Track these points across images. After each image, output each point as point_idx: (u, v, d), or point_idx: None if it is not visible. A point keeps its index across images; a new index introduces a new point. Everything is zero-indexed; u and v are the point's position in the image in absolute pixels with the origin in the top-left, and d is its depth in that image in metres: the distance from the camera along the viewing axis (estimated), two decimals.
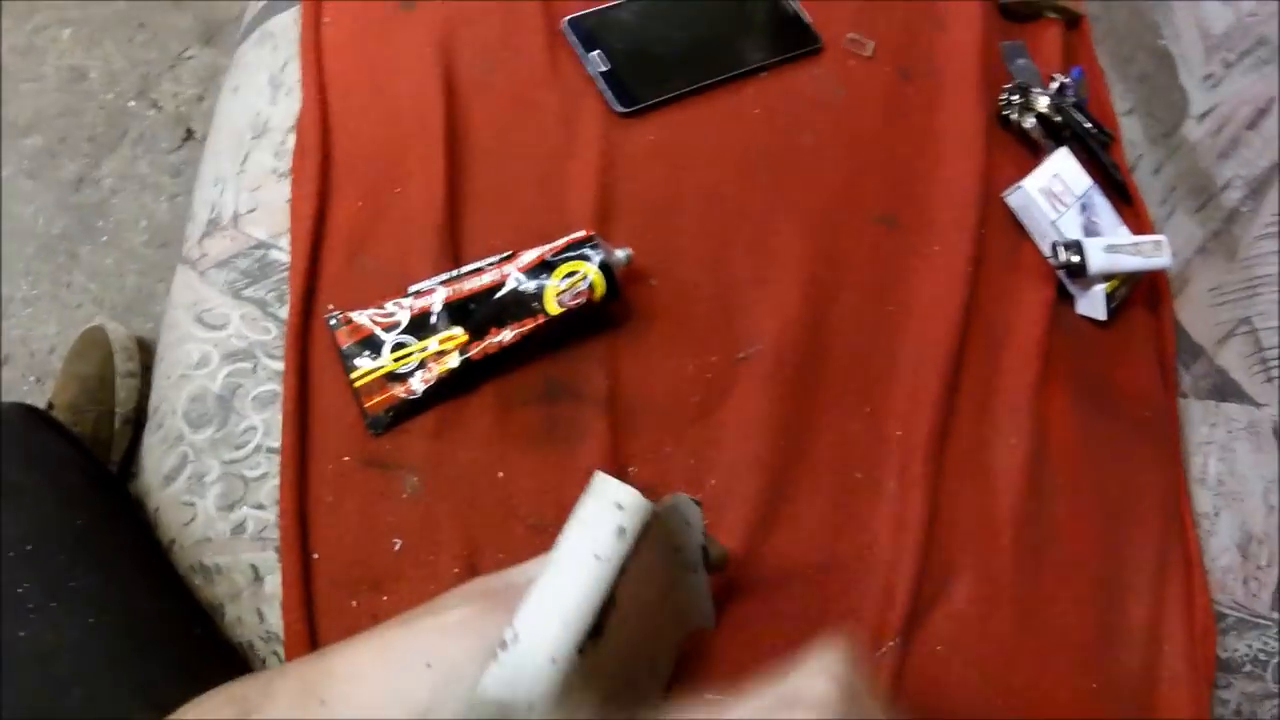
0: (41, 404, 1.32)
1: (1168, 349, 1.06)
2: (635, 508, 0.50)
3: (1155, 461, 0.98)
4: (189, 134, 1.65)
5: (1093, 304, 1.01)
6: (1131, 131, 1.23)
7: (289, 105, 0.92)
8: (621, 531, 0.49)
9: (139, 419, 1.33)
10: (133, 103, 1.68)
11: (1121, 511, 0.93)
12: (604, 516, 0.49)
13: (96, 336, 1.33)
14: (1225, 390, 1.00)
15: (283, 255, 0.83)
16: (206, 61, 1.73)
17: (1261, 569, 0.91)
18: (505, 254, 0.79)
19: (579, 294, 0.76)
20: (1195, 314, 1.06)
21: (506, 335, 0.75)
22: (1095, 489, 0.92)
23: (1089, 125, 1.13)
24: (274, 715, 0.46)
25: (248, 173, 0.90)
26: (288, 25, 0.98)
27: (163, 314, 1.47)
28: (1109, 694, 0.84)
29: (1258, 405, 0.96)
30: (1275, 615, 0.89)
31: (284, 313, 0.80)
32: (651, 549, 0.53)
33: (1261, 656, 0.88)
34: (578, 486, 0.51)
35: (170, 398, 0.82)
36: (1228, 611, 0.91)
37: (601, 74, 0.96)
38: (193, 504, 0.76)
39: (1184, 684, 0.87)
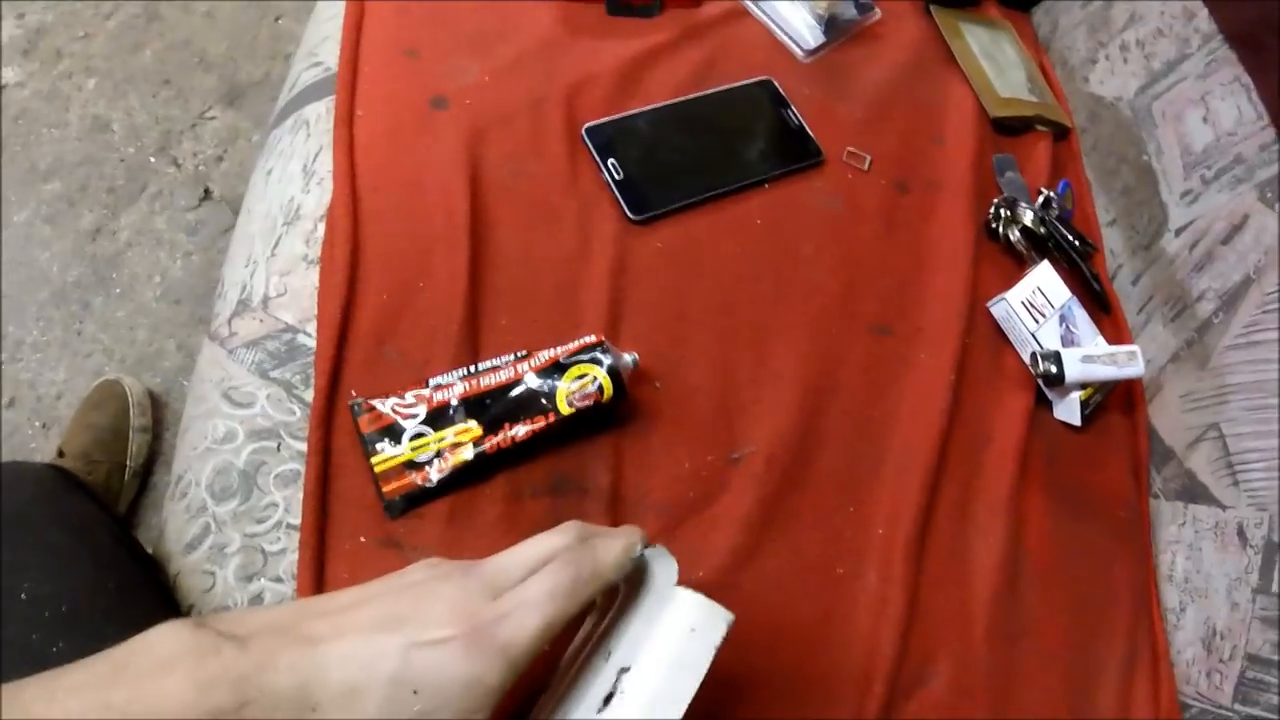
0: (48, 449, 1.33)
1: (1141, 452, 1.07)
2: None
3: (1127, 558, 1.00)
4: (207, 194, 1.63)
5: (1069, 410, 1.03)
6: (1113, 241, 1.24)
7: (320, 194, 0.91)
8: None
9: (146, 474, 1.35)
10: (153, 158, 1.66)
11: (1093, 605, 0.96)
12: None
13: (114, 389, 1.33)
14: (1194, 492, 1.01)
15: (309, 340, 0.83)
16: (228, 123, 1.71)
17: (1224, 663, 0.92)
18: (520, 353, 0.81)
19: (588, 395, 0.78)
20: (1167, 418, 1.07)
21: (519, 431, 0.77)
22: (1068, 585, 0.95)
23: (1071, 238, 1.14)
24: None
25: (279, 257, 0.89)
26: (321, 115, 0.97)
27: (172, 371, 1.49)
28: None
29: (1224, 507, 0.97)
30: (1237, 708, 0.89)
31: (309, 396, 0.80)
32: None
33: None
34: None
35: (195, 468, 0.81)
36: (1192, 703, 0.93)
37: (616, 182, 0.97)
38: (213, 573, 0.76)
39: None
